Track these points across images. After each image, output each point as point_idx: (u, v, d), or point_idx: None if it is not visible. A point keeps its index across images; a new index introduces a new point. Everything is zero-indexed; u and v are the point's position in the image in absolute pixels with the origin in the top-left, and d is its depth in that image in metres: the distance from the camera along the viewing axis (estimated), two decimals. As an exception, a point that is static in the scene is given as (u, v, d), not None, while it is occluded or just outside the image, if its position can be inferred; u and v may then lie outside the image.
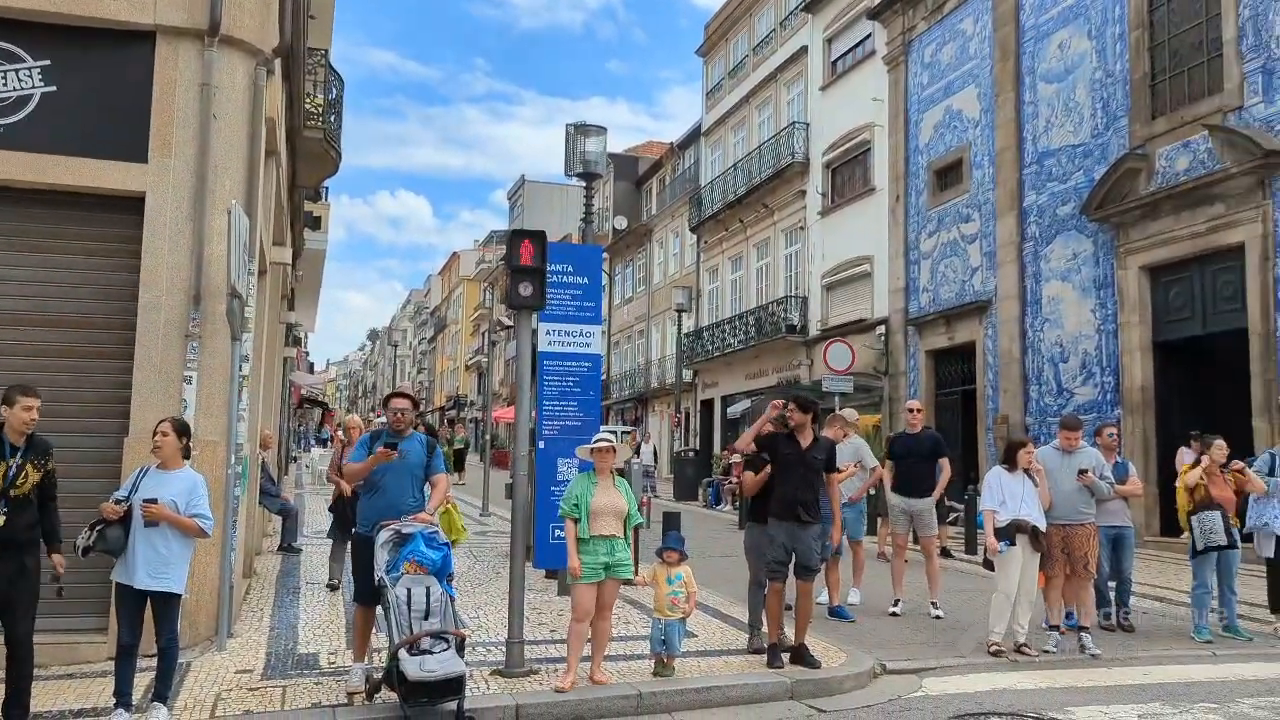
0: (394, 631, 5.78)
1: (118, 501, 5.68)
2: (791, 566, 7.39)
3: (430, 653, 5.61)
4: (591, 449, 6.75)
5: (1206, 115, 15.32)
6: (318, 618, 8.55)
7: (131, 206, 7.44)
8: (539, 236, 7.13)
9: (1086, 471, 8.25)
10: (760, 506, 7.75)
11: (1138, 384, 16.38)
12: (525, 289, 7.05)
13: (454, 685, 5.60)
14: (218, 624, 7.31)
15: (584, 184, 13.12)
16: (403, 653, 5.59)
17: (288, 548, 12.52)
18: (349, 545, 7.36)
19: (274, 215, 10.88)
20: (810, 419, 7.49)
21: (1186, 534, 9.00)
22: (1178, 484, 9.17)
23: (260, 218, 8.53)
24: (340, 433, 13.51)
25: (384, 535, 6.04)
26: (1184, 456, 15.28)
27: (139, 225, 7.41)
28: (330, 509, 10.79)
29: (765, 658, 7.31)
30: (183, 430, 5.91)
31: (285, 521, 12.83)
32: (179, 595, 5.78)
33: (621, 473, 7.52)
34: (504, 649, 6.93)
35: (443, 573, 6.04)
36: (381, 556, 5.99)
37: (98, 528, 5.60)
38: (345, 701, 6.05)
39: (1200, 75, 15.79)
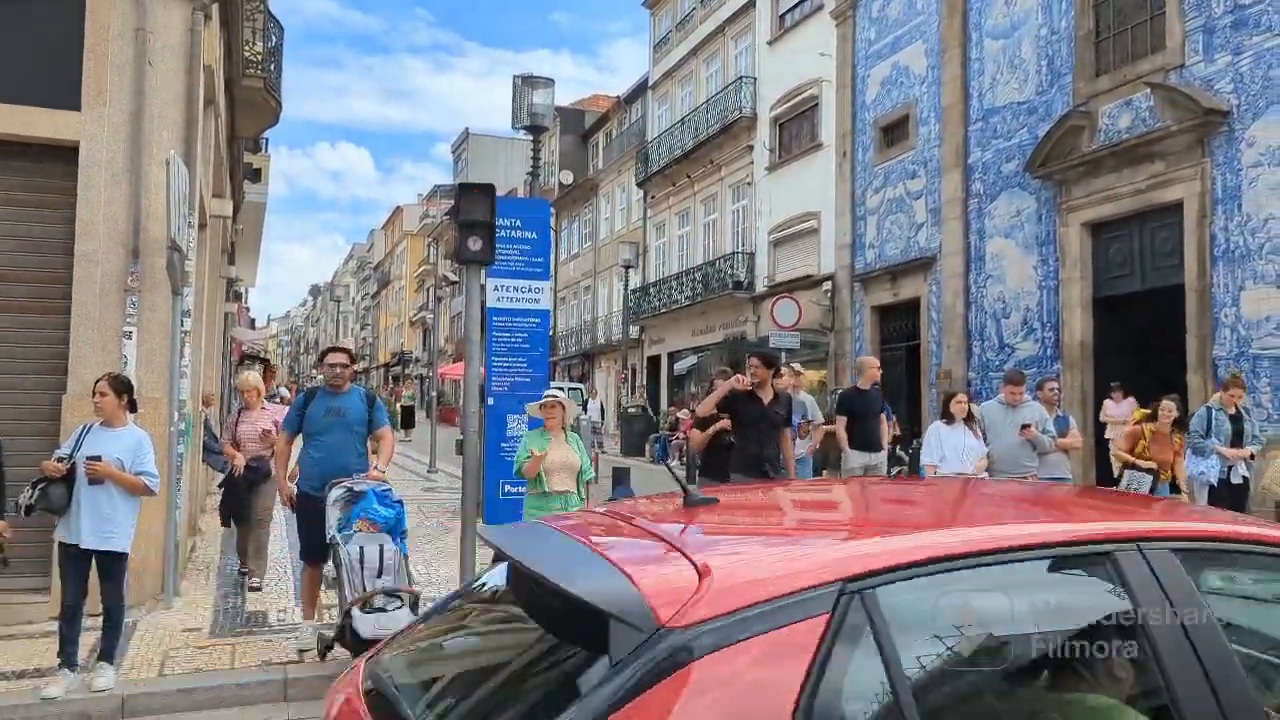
0: (346, 589, 5.73)
1: (60, 459, 5.52)
2: None
3: (384, 610, 5.58)
4: (541, 404, 6.74)
5: (1149, 73, 15.51)
6: (265, 576, 8.45)
7: (65, 156, 7.19)
8: (488, 190, 7.02)
9: (1029, 426, 8.42)
10: (715, 462, 7.77)
11: (1077, 339, 16.71)
12: (474, 243, 6.92)
13: None
14: (164, 582, 7.21)
15: (530, 137, 12.97)
16: (355, 610, 5.55)
17: (233, 506, 12.33)
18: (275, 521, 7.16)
19: (213, 167, 10.59)
20: (772, 374, 7.54)
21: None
22: (1116, 435, 9.39)
23: (200, 169, 8.30)
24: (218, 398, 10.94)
25: (336, 493, 5.98)
26: (1108, 409, 15.71)
27: (73, 176, 7.18)
28: (220, 485, 9.17)
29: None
30: (122, 387, 5.74)
31: (229, 479, 12.62)
32: (125, 555, 5.66)
33: (574, 428, 7.51)
34: (457, 604, 6.92)
35: (396, 530, 6.00)
36: (333, 514, 5.93)
37: (40, 486, 5.44)
38: (296, 659, 6.01)
39: (1143, 33, 15.95)
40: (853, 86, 23.49)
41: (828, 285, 23.93)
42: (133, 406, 5.86)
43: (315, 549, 6.17)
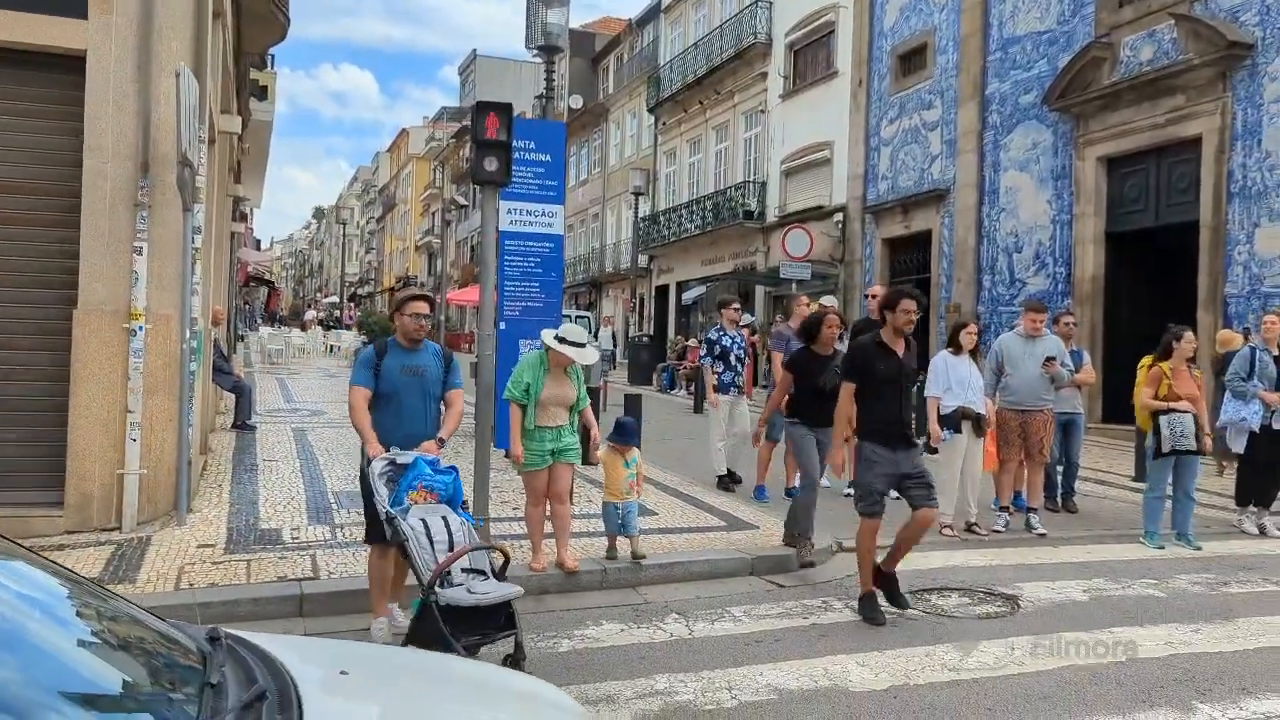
0: (420, 567, 4.80)
1: None
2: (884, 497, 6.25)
3: (465, 584, 4.80)
4: (559, 347, 6.19)
5: (1173, 4, 15.16)
6: (278, 494, 8.52)
7: (72, 66, 7.03)
8: (505, 109, 6.89)
9: (1053, 360, 8.36)
10: (801, 407, 7.24)
11: (1089, 274, 16.60)
12: (490, 164, 6.82)
13: (510, 616, 4.80)
14: (177, 499, 7.24)
15: (542, 59, 12.74)
16: (438, 590, 4.66)
17: (242, 425, 12.40)
18: None
19: (221, 82, 10.41)
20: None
21: (1147, 431, 8.26)
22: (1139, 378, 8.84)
23: (209, 83, 8.15)
24: None
25: (378, 466, 5.11)
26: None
27: (80, 86, 7.02)
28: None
29: (730, 535, 7.46)
30: None
31: (239, 399, 12.67)
32: None
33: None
34: (468, 525, 6.95)
35: (456, 499, 5.18)
36: (382, 490, 5.07)
37: None
38: (311, 575, 6.06)
39: (1171, -38, 15.55)
40: (870, 13, 23.00)
41: (839, 216, 23.73)
42: None
43: (380, 529, 5.23)
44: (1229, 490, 10.40)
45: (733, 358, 9.83)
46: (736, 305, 10.35)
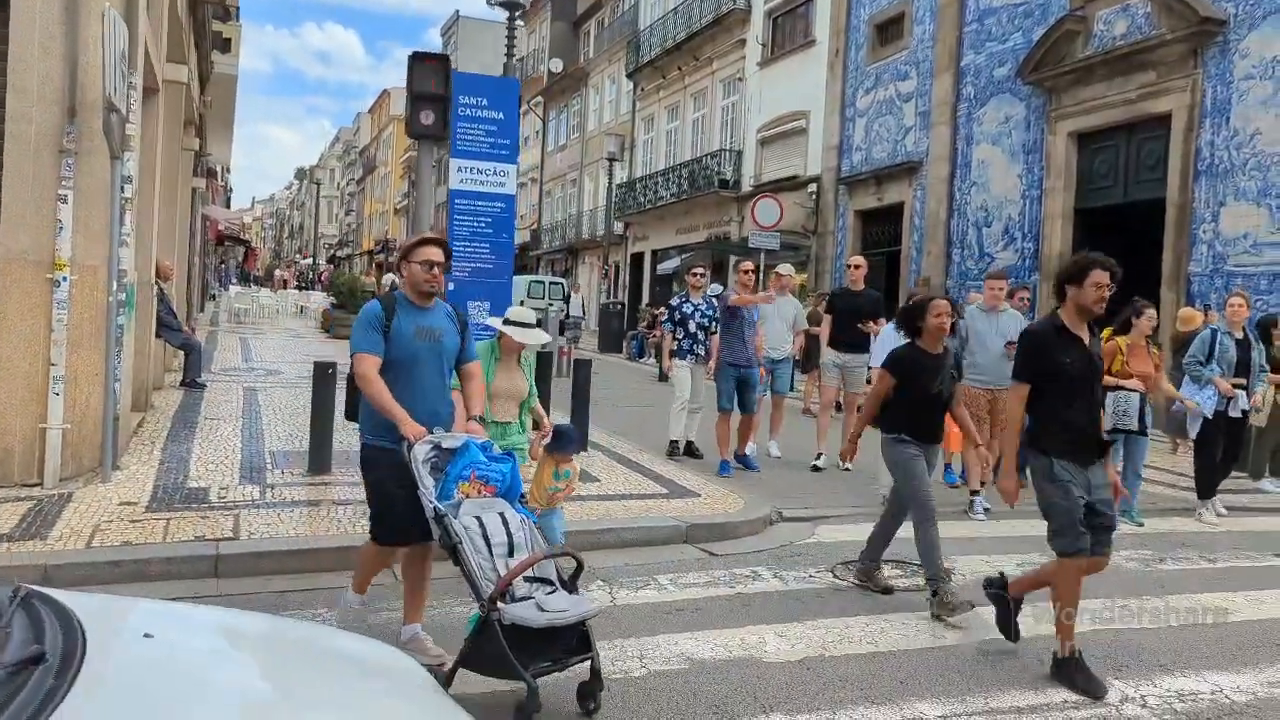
0: (477, 576, 3.96)
1: None
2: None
3: (531, 597, 3.99)
4: (507, 329, 5.58)
5: (1150, -22, 15.01)
6: (212, 453, 8.36)
7: (-6, 5, 6.79)
8: (441, 61, 6.71)
9: (1013, 344, 8.25)
10: (907, 419, 5.71)
11: (1057, 250, 16.53)
12: (426, 117, 6.70)
13: (585, 637, 4.03)
14: (102, 455, 7.07)
15: (513, 16, 12.50)
16: (501, 605, 3.88)
17: (191, 383, 12.20)
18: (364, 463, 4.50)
19: (167, 29, 10.12)
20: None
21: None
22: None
23: (143, 27, 7.90)
24: None
25: (422, 451, 4.20)
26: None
27: (5, 25, 6.77)
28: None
29: (669, 502, 7.35)
30: None
31: (188, 357, 12.45)
32: None
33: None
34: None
35: (514, 492, 4.36)
36: (428, 482, 4.15)
37: None
38: (231, 535, 5.93)
39: (1148, -65, 15.38)
40: (849, -20, 22.73)
41: (813, 187, 23.56)
42: None
43: (398, 527, 4.37)
44: (1179, 468, 10.44)
45: (692, 325, 9.72)
46: (699, 270, 10.23)
